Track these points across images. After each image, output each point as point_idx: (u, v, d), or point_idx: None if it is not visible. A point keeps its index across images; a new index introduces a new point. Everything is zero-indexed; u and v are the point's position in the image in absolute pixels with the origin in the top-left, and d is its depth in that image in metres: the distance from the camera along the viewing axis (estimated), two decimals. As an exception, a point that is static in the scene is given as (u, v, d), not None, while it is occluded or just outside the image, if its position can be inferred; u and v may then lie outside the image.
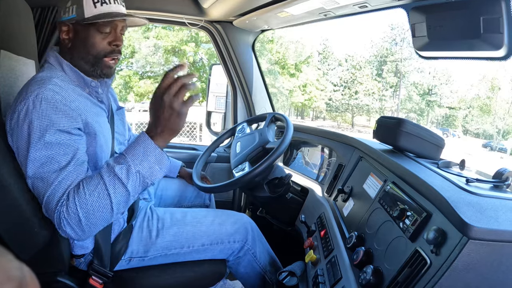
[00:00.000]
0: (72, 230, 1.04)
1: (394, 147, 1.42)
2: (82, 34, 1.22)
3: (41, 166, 1.04)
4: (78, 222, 1.03)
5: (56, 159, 1.05)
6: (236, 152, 1.87)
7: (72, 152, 1.08)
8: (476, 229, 0.73)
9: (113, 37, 1.25)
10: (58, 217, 1.03)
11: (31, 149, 1.03)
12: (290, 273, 1.41)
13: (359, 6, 1.60)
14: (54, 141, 1.06)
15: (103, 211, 1.05)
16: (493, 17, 1.06)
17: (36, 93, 1.06)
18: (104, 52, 1.24)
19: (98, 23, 1.20)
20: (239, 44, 2.46)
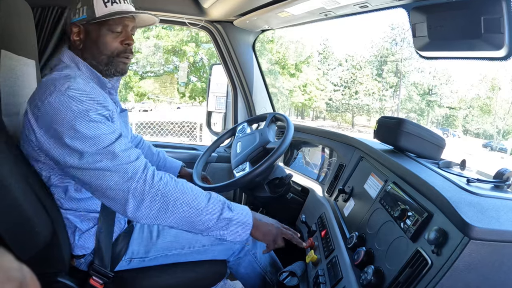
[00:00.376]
0: (149, 206, 1.07)
1: (395, 147, 1.42)
2: (93, 34, 1.23)
3: (95, 144, 1.05)
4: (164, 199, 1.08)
5: (106, 136, 1.07)
6: (236, 152, 1.86)
7: (117, 132, 1.11)
8: (477, 229, 0.73)
9: (124, 36, 1.27)
10: (137, 187, 1.06)
11: (80, 130, 1.04)
12: (291, 273, 1.41)
13: (359, 6, 1.60)
14: (100, 121, 1.08)
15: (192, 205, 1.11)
16: (493, 17, 1.06)
17: (68, 85, 1.07)
18: (117, 51, 1.26)
19: (109, 23, 1.22)
20: (240, 44, 2.46)
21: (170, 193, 1.09)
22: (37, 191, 1.13)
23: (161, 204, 1.07)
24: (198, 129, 11.20)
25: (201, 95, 20.49)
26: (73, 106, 1.05)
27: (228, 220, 1.14)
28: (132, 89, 20.53)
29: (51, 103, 1.05)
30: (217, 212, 1.13)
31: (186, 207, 1.10)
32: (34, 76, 1.48)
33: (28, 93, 1.18)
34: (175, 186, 1.10)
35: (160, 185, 1.08)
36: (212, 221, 1.13)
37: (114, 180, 1.05)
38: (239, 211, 1.19)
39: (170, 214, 1.08)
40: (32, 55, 1.47)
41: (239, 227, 1.17)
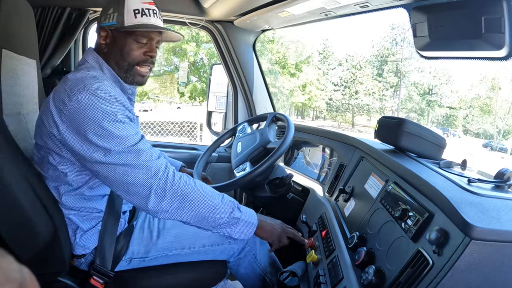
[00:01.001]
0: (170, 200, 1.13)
1: (396, 147, 1.42)
2: (120, 41, 1.28)
3: (120, 143, 1.10)
4: (183, 196, 1.14)
5: (132, 137, 1.12)
6: (237, 152, 1.86)
7: (139, 133, 1.17)
8: (478, 229, 0.73)
9: (148, 48, 1.31)
10: (160, 184, 1.11)
11: (107, 128, 1.08)
12: (291, 273, 1.41)
13: (360, 6, 1.60)
14: (126, 122, 1.14)
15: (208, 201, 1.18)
16: (494, 17, 1.06)
17: (97, 86, 1.11)
18: (138, 60, 1.30)
19: (136, 33, 1.27)
20: (240, 44, 2.46)
21: (189, 191, 1.15)
22: (38, 191, 1.13)
23: (180, 201, 1.14)
24: (198, 129, 11.19)
25: (201, 95, 20.48)
26: (102, 106, 1.09)
27: (237, 220, 1.22)
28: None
29: (80, 100, 1.08)
30: (229, 211, 1.21)
31: (203, 205, 1.17)
32: (35, 75, 1.49)
33: (29, 92, 1.19)
34: (193, 185, 1.17)
35: (181, 183, 1.14)
36: (224, 219, 1.20)
37: (138, 176, 1.10)
38: (247, 212, 1.27)
39: (187, 210, 1.15)
40: (33, 54, 1.47)
41: (245, 226, 1.24)
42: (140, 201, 1.12)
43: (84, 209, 1.27)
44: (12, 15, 1.30)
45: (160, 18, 1.33)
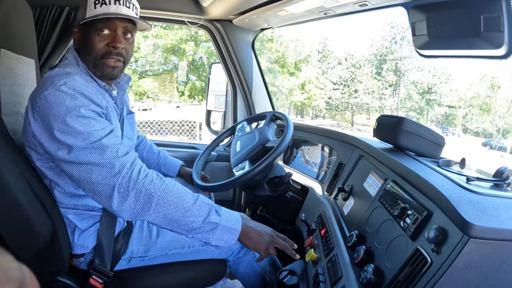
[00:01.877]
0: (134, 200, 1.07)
1: (395, 145, 1.42)
2: (85, 36, 1.26)
3: (84, 139, 1.06)
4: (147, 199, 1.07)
5: (97, 132, 1.08)
6: (236, 151, 1.86)
7: (108, 128, 1.12)
8: (477, 227, 0.73)
9: (111, 38, 1.25)
10: (123, 182, 1.06)
11: (70, 124, 1.05)
12: (291, 272, 1.41)
13: (359, 5, 1.60)
14: (91, 117, 1.09)
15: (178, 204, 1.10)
16: (493, 15, 1.06)
17: (64, 81, 1.09)
18: (102, 53, 1.25)
19: (97, 25, 1.22)
20: (239, 43, 2.45)
21: (155, 191, 1.08)
22: (37, 190, 1.13)
23: (145, 201, 1.07)
24: (198, 128, 11.19)
25: (201, 94, 20.48)
26: (66, 101, 1.06)
27: (214, 225, 1.13)
28: (131, 88, 20.52)
29: (46, 97, 1.07)
30: (203, 214, 1.12)
31: (171, 206, 1.09)
32: (33, 75, 1.49)
33: (28, 92, 1.18)
34: (160, 185, 1.09)
35: (145, 182, 1.08)
36: (197, 223, 1.11)
37: (101, 174, 1.06)
38: (228, 216, 1.17)
39: (153, 211, 1.08)
40: (31, 54, 1.47)
41: (226, 233, 1.15)
42: (105, 201, 1.08)
43: (80, 207, 1.26)
44: (11, 14, 1.30)
45: (127, 5, 1.26)
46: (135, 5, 1.30)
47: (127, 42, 1.30)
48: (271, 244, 1.26)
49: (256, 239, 1.23)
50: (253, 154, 1.76)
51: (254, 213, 2.11)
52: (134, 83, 20.40)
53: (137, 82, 20.57)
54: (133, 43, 1.35)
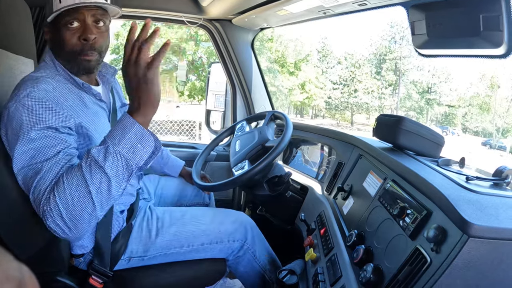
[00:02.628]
0: (56, 225, 0.96)
1: (394, 145, 1.42)
2: (54, 33, 1.20)
3: (29, 159, 1.00)
4: (60, 216, 0.95)
5: (43, 151, 1.01)
6: (235, 150, 1.87)
7: (60, 145, 1.04)
8: (476, 227, 0.73)
9: (81, 31, 1.17)
10: (43, 211, 0.96)
11: (18, 144, 1.00)
12: (290, 271, 1.41)
13: (358, 4, 1.59)
14: (42, 136, 1.02)
15: (82, 202, 0.96)
16: (492, 15, 1.06)
17: (28, 91, 1.04)
18: (77, 50, 1.18)
19: (65, 19, 1.15)
20: (238, 42, 2.45)
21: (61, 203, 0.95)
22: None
23: (63, 222, 0.96)
24: (197, 127, 11.19)
25: (200, 94, 20.48)
26: (23, 117, 1.02)
27: (117, 158, 0.98)
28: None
29: (9, 109, 1.04)
30: (98, 171, 0.96)
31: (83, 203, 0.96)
32: (32, 75, 1.48)
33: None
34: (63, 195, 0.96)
35: (51, 203, 0.95)
36: (108, 179, 0.97)
37: (32, 199, 1.00)
38: (115, 137, 0.99)
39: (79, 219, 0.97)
40: (30, 54, 1.47)
41: (134, 143, 0.99)
42: (50, 229, 0.98)
43: None
44: (10, 14, 1.30)
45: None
46: None
47: (100, 31, 1.21)
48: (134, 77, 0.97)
49: (150, 106, 1.00)
50: (253, 154, 1.76)
51: (254, 212, 2.11)
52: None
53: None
54: (107, 31, 1.25)
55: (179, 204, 1.85)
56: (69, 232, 0.97)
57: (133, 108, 1.00)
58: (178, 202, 1.85)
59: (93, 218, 1.00)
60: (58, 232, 0.97)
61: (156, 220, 1.45)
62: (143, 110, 0.99)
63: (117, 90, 1.52)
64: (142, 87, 0.97)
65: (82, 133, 1.17)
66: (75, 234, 0.99)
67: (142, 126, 1.00)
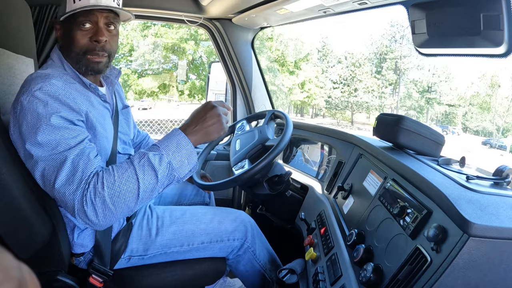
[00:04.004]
0: (93, 212, 1.01)
1: (394, 144, 1.42)
2: (67, 32, 1.21)
3: (51, 150, 1.03)
4: (102, 204, 1.01)
5: (65, 141, 1.04)
6: (235, 149, 1.86)
7: (80, 136, 1.08)
8: (476, 226, 0.73)
9: (93, 32, 1.20)
10: (81, 197, 1.01)
11: (38, 135, 1.02)
12: (290, 270, 1.41)
13: (358, 3, 1.59)
14: (61, 125, 1.05)
15: (129, 195, 1.04)
16: (493, 14, 1.06)
17: (40, 85, 1.06)
18: (86, 49, 1.20)
19: (78, 19, 1.17)
20: (238, 42, 2.45)
21: (106, 196, 1.02)
22: (36, 190, 1.12)
23: (103, 209, 1.02)
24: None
25: (200, 93, 20.47)
26: (38, 109, 1.04)
27: (168, 169, 1.08)
28: (130, 87, 20.50)
29: (22, 102, 1.05)
30: (151, 173, 1.06)
31: (127, 198, 1.04)
32: (32, 74, 1.48)
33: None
34: (108, 191, 1.02)
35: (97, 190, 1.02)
36: (158, 183, 1.07)
37: (62, 189, 1.03)
38: (171, 149, 1.10)
39: (116, 211, 1.04)
40: (30, 53, 1.47)
41: (183, 159, 1.10)
42: (71, 213, 1.05)
43: None
44: (10, 13, 1.30)
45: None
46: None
47: (111, 34, 1.25)
48: (219, 123, 1.17)
49: (207, 133, 1.17)
50: (253, 153, 1.76)
51: (254, 211, 2.11)
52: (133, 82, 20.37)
53: (137, 81, 20.55)
54: (117, 34, 1.29)
55: (179, 203, 1.85)
56: (101, 220, 1.04)
57: (191, 129, 1.15)
58: (178, 201, 1.85)
59: (130, 211, 1.08)
60: (89, 218, 1.02)
61: (156, 219, 1.45)
62: (200, 135, 1.16)
63: (118, 91, 1.53)
64: (216, 124, 1.17)
65: (90, 129, 1.18)
66: (105, 223, 1.05)
67: (193, 147, 1.13)
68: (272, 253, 1.67)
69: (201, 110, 1.18)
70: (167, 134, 1.14)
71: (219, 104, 1.20)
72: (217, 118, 1.17)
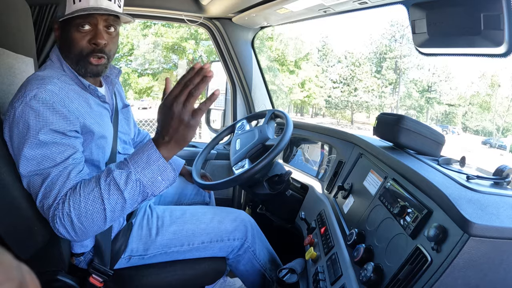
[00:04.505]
0: (64, 230, 1.01)
1: (394, 144, 1.42)
2: (65, 33, 1.19)
3: (36, 164, 1.03)
4: (71, 223, 1.01)
5: (51, 157, 1.03)
6: (235, 149, 1.86)
7: (68, 151, 1.07)
8: (477, 226, 0.73)
9: (92, 34, 1.18)
10: (52, 215, 1.01)
11: (25, 148, 1.02)
12: (290, 270, 1.41)
13: (359, 3, 1.59)
14: (49, 141, 1.04)
15: (95, 216, 1.01)
16: (493, 13, 1.06)
17: (35, 92, 1.04)
18: (85, 52, 1.18)
19: (77, 21, 1.15)
20: (238, 41, 2.45)
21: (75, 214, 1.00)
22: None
23: (73, 227, 1.01)
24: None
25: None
26: (30, 120, 1.02)
27: (137, 184, 1.02)
28: (131, 86, 20.52)
29: (15, 110, 1.04)
30: (117, 193, 1.02)
31: (97, 215, 1.02)
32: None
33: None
34: (78, 208, 1.01)
35: (64, 210, 1.01)
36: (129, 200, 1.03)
37: (42, 202, 1.04)
38: (139, 165, 1.02)
39: (87, 228, 1.03)
40: (30, 53, 1.47)
41: (155, 175, 1.03)
42: (57, 232, 1.04)
43: None
44: (9, 13, 1.30)
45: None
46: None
47: (110, 36, 1.22)
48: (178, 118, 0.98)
49: (178, 142, 1.02)
50: (253, 153, 1.76)
51: (254, 211, 2.11)
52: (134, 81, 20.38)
53: (137, 80, 20.57)
54: (117, 36, 1.27)
55: (179, 203, 1.85)
56: (74, 236, 1.04)
57: (161, 141, 1.02)
58: (178, 201, 1.85)
59: (101, 229, 1.07)
60: (63, 234, 1.03)
61: (156, 218, 1.44)
62: (172, 146, 1.03)
63: (119, 91, 1.52)
64: (180, 128, 0.99)
65: (86, 133, 1.17)
66: (80, 239, 1.07)
67: (165, 162, 1.03)
68: (272, 252, 1.68)
69: (162, 117, 1.01)
70: (140, 147, 1.05)
71: (173, 94, 0.98)
72: (179, 121, 0.98)
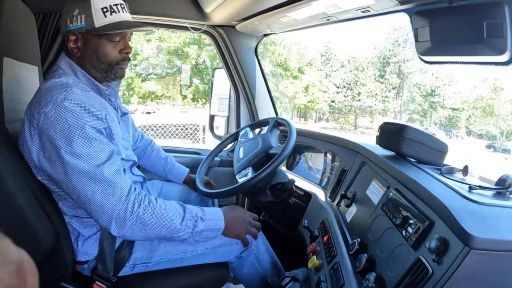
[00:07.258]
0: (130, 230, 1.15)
1: (397, 153, 1.42)
2: (92, 44, 1.23)
3: (85, 162, 1.08)
4: (142, 227, 1.16)
5: (95, 155, 1.10)
6: (239, 157, 1.87)
7: (108, 147, 1.14)
8: (477, 239, 0.74)
9: (123, 45, 1.29)
10: (124, 212, 1.12)
11: (72, 145, 1.06)
12: (293, 278, 1.41)
13: (361, 11, 1.60)
14: (93, 136, 1.10)
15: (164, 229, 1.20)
16: (496, 21, 1.06)
17: (64, 95, 1.08)
18: (117, 61, 1.28)
19: (108, 34, 1.22)
20: (242, 49, 2.46)
21: (148, 218, 1.16)
22: (41, 198, 1.13)
23: (140, 227, 1.16)
24: (201, 131, 11.20)
25: (204, 97, 20.55)
26: (68, 119, 1.06)
27: (200, 231, 1.27)
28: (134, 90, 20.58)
29: (47, 114, 1.06)
30: (191, 227, 1.24)
31: (163, 228, 1.19)
32: (37, 82, 1.49)
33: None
34: (152, 212, 1.17)
35: (140, 212, 1.15)
36: (187, 235, 1.24)
37: (100, 202, 1.10)
38: (212, 219, 1.30)
39: (149, 233, 1.18)
40: (34, 61, 1.48)
41: (211, 232, 1.30)
42: (104, 224, 1.14)
43: (83, 215, 1.27)
44: (14, 22, 1.31)
45: (128, 10, 1.28)
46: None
47: (130, 43, 1.35)
48: (245, 231, 1.40)
49: (235, 229, 1.37)
50: (256, 161, 1.76)
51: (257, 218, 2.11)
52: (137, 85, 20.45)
53: (140, 84, 20.63)
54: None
55: (183, 210, 1.86)
56: (129, 237, 1.18)
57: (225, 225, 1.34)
58: (182, 209, 1.86)
59: (153, 239, 1.31)
60: (113, 228, 1.14)
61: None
62: (229, 231, 1.36)
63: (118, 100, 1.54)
64: (242, 230, 1.39)
65: (109, 135, 1.22)
66: (130, 238, 1.28)
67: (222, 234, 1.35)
68: (274, 258, 1.68)
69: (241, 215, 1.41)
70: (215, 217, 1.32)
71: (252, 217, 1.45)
72: (245, 226, 1.40)
